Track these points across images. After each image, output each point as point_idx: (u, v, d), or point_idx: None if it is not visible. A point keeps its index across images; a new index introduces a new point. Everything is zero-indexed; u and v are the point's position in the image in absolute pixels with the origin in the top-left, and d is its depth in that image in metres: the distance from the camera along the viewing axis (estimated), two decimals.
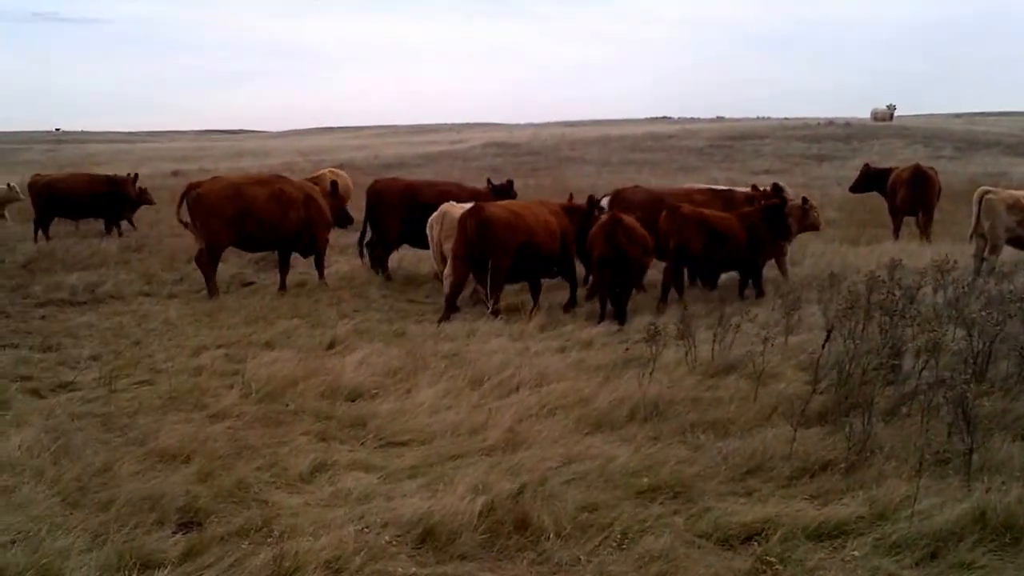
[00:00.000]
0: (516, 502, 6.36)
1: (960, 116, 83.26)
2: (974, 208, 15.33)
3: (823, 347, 8.59)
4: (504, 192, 17.11)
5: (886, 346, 8.86)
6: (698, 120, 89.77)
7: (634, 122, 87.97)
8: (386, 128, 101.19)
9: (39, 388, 9.76)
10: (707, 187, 17.41)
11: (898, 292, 9.47)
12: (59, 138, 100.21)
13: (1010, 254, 15.99)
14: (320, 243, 15.96)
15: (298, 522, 6.25)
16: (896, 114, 64.33)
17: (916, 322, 9.16)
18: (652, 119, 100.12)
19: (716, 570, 5.64)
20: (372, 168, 37.91)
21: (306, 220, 15.48)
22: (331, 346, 11.34)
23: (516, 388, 9.32)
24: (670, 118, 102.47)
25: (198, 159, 51.77)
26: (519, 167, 39.95)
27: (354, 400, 9.19)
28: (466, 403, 8.85)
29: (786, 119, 72.53)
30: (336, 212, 16.69)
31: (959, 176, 31.97)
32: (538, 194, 22.11)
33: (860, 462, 7.07)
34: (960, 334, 9.59)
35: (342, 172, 25.10)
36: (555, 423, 8.26)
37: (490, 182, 17.87)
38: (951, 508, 6.18)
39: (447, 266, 13.48)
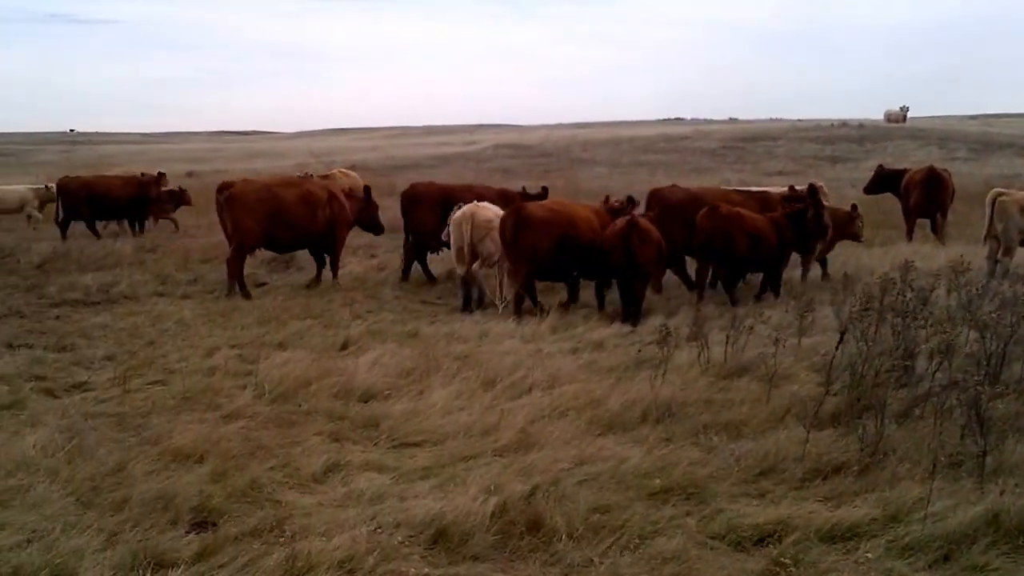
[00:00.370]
0: (528, 503, 6.36)
1: (975, 117, 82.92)
2: (987, 210, 15.29)
3: (836, 349, 8.57)
4: (538, 200, 17.01)
5: (899, 348, 8.83)
6: (711, 121, 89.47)
7: (647, 123, 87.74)
8: (399, 129, 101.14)
9: (53, 388, 9.80)
10: (744, 188, 17.49)
11: (911, 294, 9.43)
12: (73, 139, 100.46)
13: None
14: (339, 242, 16.13)
15: (311, 522, 6.26)
16: (909, 115, 64.00)
17: (929, 324, 9.13)
18: (665, 120, 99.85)
19: (729, 572, 5.64)
20: (384, 169, 38.00)
21: (331, 220, 15.70)
22: (344, 347, 11.36)
23: (528, 389, 9.33)
24: (683, 119, 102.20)
25: (212, 160, 51.91)
26: (531, 168, 40.03)
27: (367, 401, 9.20)
28: (479, 404, 8.85)
29: (799, 120, 72.22)
30: (369, 218, 16.95)
31: (973, 178, 31.87)
32: (551, 196, 22.06)
33: (873, 464, 7.07)
34: (974, 336, 9.55)
35: (352, 172, 25.18)
36: (567, 424, 8.26)
37: (524, 189, 17.84)
38: (964, 510, 6.16)
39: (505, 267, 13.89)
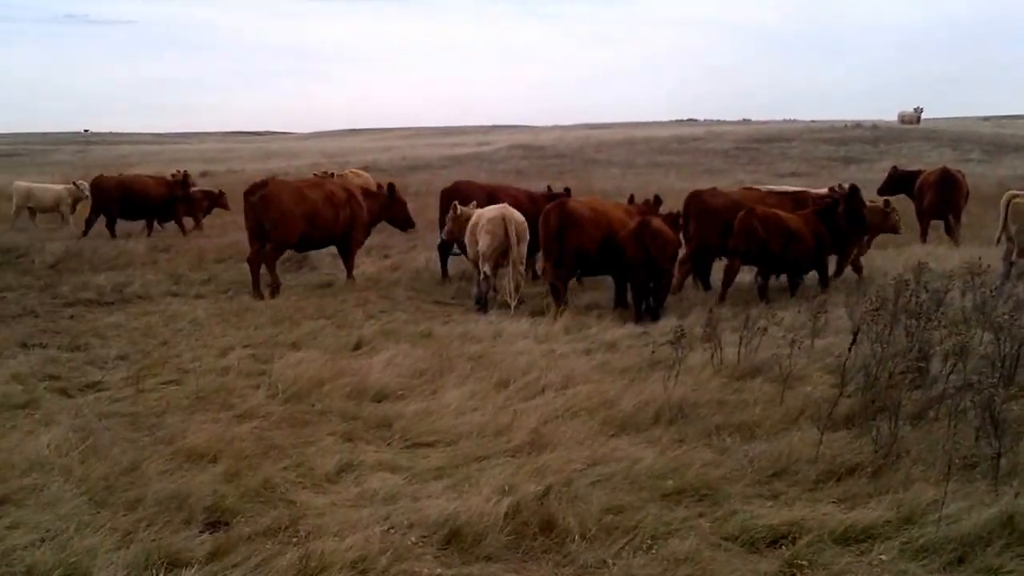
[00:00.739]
0: (541, 503, 6.36)
1: (988, 119, 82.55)
2: (1002, 211, 15.22)
3: (850, 350, 8.55)
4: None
5: (913, 349, 8.81)
6: (724, 122, 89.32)
7: (660, 124, 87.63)
8: (412, 130, 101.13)
9: (67, 387, 9.83)
10: (781, 189, 17.55)
11: (925, 295, 9.42)
12: (88, 139, 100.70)
13: None
14: (355, 243, 16.35)
15: (324, 522, 6.26)
16: (923, 116, 63.80)
17: (944, 325, 9.11)
18: (678, 121, 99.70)
19: (742, 573, 5.62)
20: (398, 170, 38.01)
21: (350, 219, 15.96)
22: (357, 347, 11.37)
23: (542, 390, 9.33)
24: (696, 120, 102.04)
25: (226, 160, 51.94)
26: (545, 169, 40.00)
27: (380, 401, 9.21)
28: (492, 405, 8.85)
29: (813, 122, 72.11)
30: (397, 215, 17.13)
31: (987, 179, 31.71)
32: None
33: (887, 466, 7.05)
34: (988, 338, 9.52)
35: (364, 173, 25.22)
36: (580, 425, 8.25)
37: (549, 188, 18.14)
38: (979, 513, 6.13)
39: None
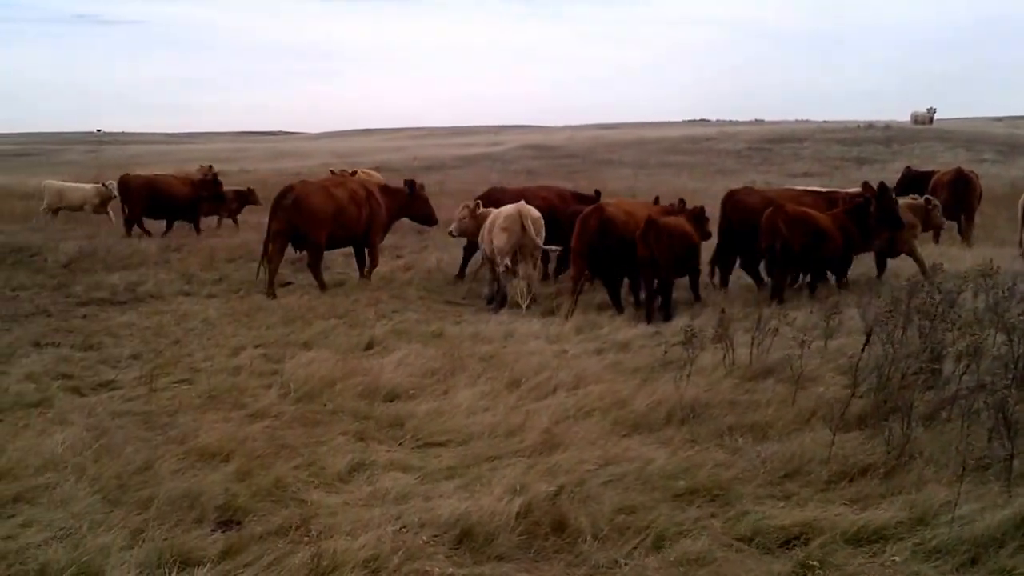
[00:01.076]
0: (553, 503, 6.36)
1: (1001, 119, 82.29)
2: (1019, 213, 15.23)
3: (862, 351, 8.53)
4: (591, 201, 17.28)
5: (926, 350, 8.78)
6: (737, 123, 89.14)
7: (671, 124, 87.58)
8: (423, 130, 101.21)
9: (80, 386, 9.86)
10: (815, 188, 17.63)
11: (938, 296, 9.39)
12: (100, 139, 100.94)
13: None
14: (374, 236, 16.53)
15: (336, 521, 6.27)
16: (936, 117, 63.64)
17: (956, 326, 9.08)
18: (690, 121, 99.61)
19: (755, 574, 5.61)
20: (410, 170, 37.93)
21: (370, 217, 16.22)
22: (369, 346, 11.39)
23: (553, 390, 9.34)
24: (708, 120, 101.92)
25: (238, 160, 52.01)
26: (556, 169, 40.05)
27: (392, 400, 9.22)
28: (503, 404, 8.85)
29: (825, 122, 71.97)
30: (419, 210, 17.31)
31: (1001, 180, 31.67)
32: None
33: (899, 467, 7.03)
34: (1001, 339, 9.46)
35: (375, 173, 25.26)
36: (592, 425, 8.26)
37: (598, 192, 18.17)
38: (992, 514, 6.11)
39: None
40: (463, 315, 13.80)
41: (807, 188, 17.63)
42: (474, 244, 16.20)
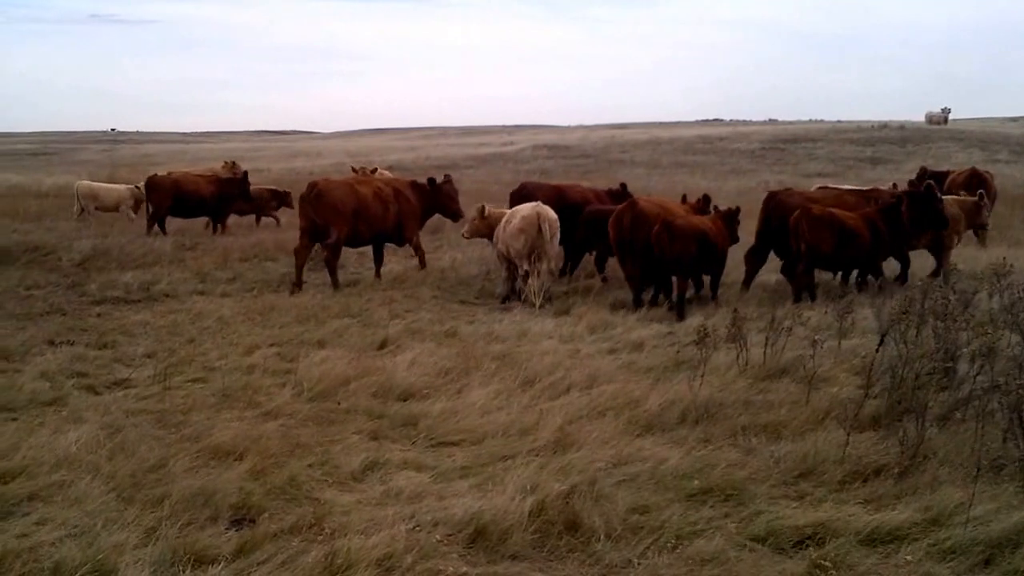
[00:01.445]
0: (566, 503, 6.36)
1: (1016, 120, 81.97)
2: None
3: (876, 351, 8.50)
4: (621, 196, 17.51)
5: (940, 351, 8.76)
6: (750, 123, 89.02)
7: (685, 124, 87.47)
8: (436, 129, 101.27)
9: (95, 385, 9.90)
10: (857, 188, 17.64)
11: (953, 296, 9.37)
12: (115, 138, 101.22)
13: None
14: (409, 233, 16.80)
15: (349, 520, 6.28)
16: (951, 117, 63.45)
17: (971, 327, 9.05)
18: (704, 121, 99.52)
19: (768, 574, 5.60)
20: (422, 169, 37.96)
21: (399, 214, 16.42)
22: (383, 346, 11.41)
23: (567, 389, 9.34)
24: (721, 120, 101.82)
25: (252, 159, 52.01)
26: (570, 169, 40.01)
27: (405, 400, 9.23)
28: (517, 404, 8.86)
29: (839, 122, 71.83)
30: (450, 207, 17.41)
31: (1015, 180, 31.57)
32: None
33: (913, 467, 7.00)
34: (1016, 339, 9.44)
35: (388, 173, 25.29)
36: (605, 424, 8.25)
37: (623, 186, 18.50)
38: (1007, 515, 6.10)
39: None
40: (476, 314, 13.80)
41: (850, 188, 17.62)
42: None
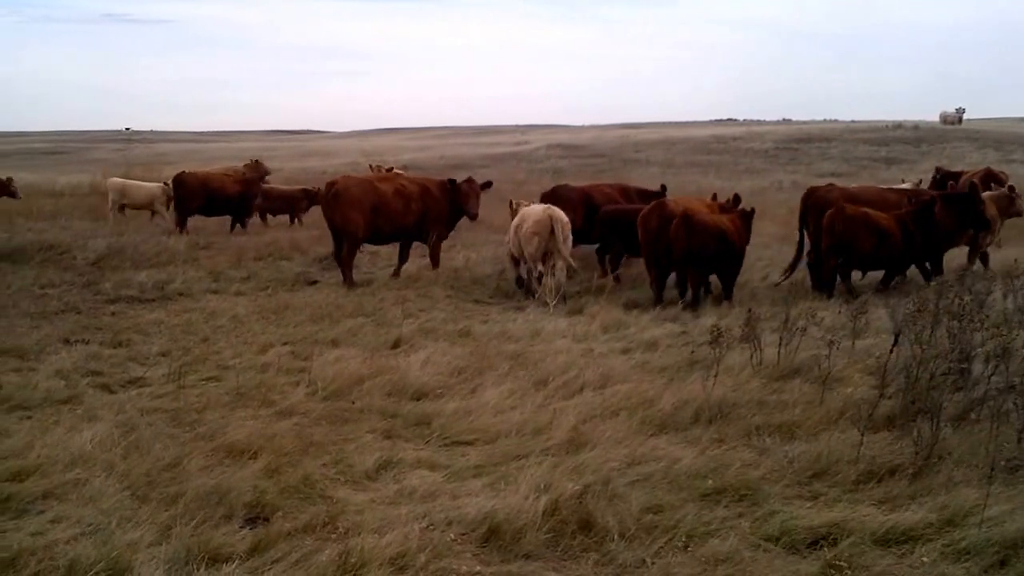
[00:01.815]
0: (580, 502, 6.36)
1: None
2: None
3: (891, 351, 8.49)
4: (654, 195, 17.63)
5: (955, 351, 8.74)
6: (764, 122, 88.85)
7: (698, 124, 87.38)
8: (450, 129, 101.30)
9: (109, 383, 9.92)
10: (898, 187, 17.70)
11: (967, 297, 9.34)
12: (129, 137, 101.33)
13: None
14: (432, 234, 16.84)
15: (363, 519, 6.28)
16: (965, 117, 63.26)
17: (985, 327, 9.02)
18: (717, 121, 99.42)
19: (782, 574, 5.59)
20: (435, 169, 38.04)
21: (424, 213, 16.56)
22: (396, 345, 11.42)
23: (580, 389, 9.33)
24: (735, 120, 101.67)
25: (266, 159, 52.07)
26: (583, 168, 39.99)
27: (419, 399, 9.23)
28: (530, 403, 8.85)
29: (853, 122, 71.66)
30: (464, 205, 17.29)
31: None
32: None
33: (928, 468, 6.98)
34: None
35: (402, 172, 25.39)
36: (619, 424, 8.24)
37: (663, 187, 18.78)
38: (1022, 516, 6.07)
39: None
40: (490, 314, 13.81)
41: (891, 187, 17.69)
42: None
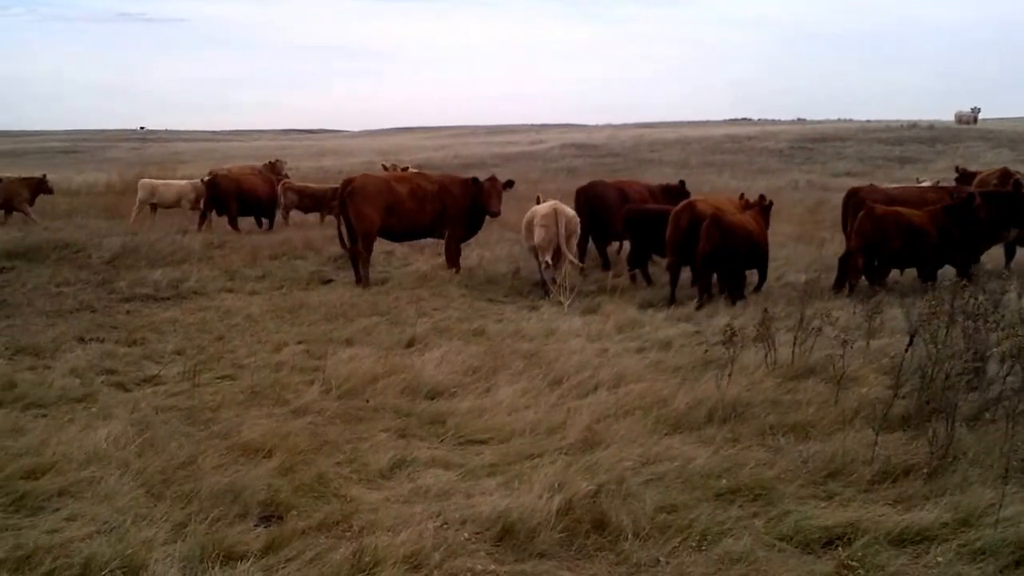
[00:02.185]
0: (594, 501, 6.37)
1: None
2: None
3: (906, 351, 8.47)
4: (680, 192, 17.92)
5: (970, 351, 8.70)
6: (779, 122, 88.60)
7: (713, 124, 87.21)
8: (465, 128, 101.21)
9: (124, 382, 9.96)
10: (937, 185, 17.71)
11: (982, 296, 9.30)
12: (144, 136, 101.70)
13: None
14: (451, 232, 16.92)
15: (377, 517, 6.30)
16: (980, 117, 62.99)
17: (1000, 327, 8.99)
18: (732, 120, 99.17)
19: (797, 574, 5.58)
20: (451, 168, 38.03)
21: (441, 211, 16.65)
22: (410, 344, 11.43)
23: (594, 388, 9.33)
24: (750, 119, 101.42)
25: (281, 158, 52.25)
26: (598, 168, 39.89)
27: (433, 398, 9.25)
28: (544, 402, 8.86)
29: (868, 121, 71.40)
30: (484, 203, 17.30)
31: None
32: None
33: (943, 468, 6.96)
34: None
35: (418, 171, 25.46)
36: (633, 423, 8.23)
37: (682, 183, 18.92)
38: None
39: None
40: (504, 313, 13.81)
41: (932, 184, 17.68)
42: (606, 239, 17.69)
